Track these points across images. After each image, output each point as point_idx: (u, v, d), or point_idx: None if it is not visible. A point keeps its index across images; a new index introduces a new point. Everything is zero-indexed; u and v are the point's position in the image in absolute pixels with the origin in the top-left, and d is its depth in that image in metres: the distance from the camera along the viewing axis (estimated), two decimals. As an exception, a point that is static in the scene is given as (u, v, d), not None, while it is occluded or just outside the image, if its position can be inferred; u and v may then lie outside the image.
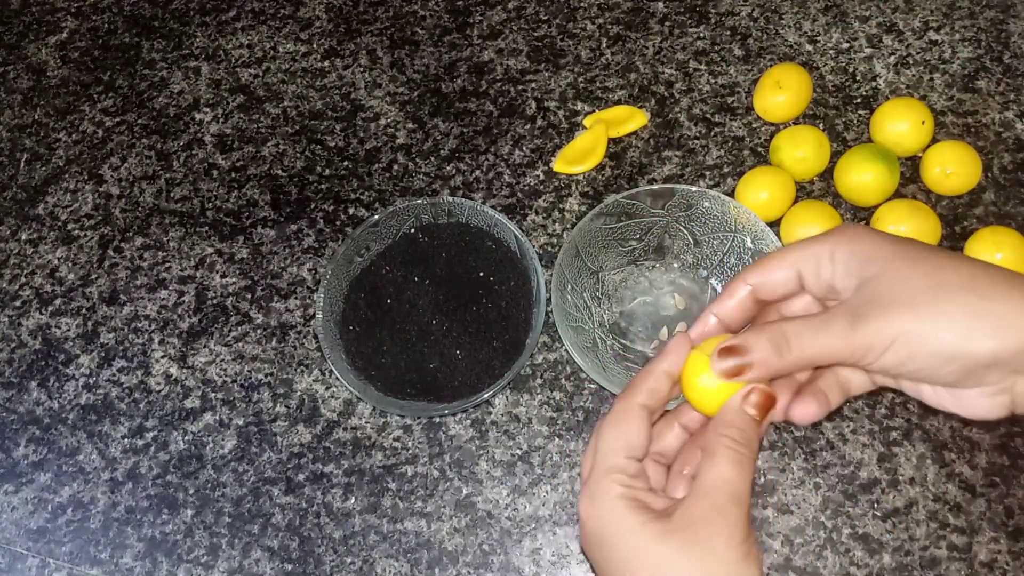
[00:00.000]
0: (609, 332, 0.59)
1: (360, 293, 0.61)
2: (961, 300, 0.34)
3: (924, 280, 0.35)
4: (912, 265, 0.35)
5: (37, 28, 0.81)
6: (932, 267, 0.35)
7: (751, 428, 0.37)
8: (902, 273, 0.35)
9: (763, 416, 0.37)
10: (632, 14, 0.74)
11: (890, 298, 0.35)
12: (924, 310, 0.34)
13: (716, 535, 0.34)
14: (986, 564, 0.51)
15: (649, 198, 0.58)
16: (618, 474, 0.37)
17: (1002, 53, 0.68)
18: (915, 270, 0.35)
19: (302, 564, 0.55)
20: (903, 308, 0.34)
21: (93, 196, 0.70)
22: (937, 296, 0.34)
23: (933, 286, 0.34)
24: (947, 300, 0.34)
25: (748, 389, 0.37)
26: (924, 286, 0.34)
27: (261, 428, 0.59)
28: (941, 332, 0.34)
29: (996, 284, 0.34)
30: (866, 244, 0.37)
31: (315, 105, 0.72)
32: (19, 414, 0.62)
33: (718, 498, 0.35)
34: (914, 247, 0.36)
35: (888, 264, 0.36)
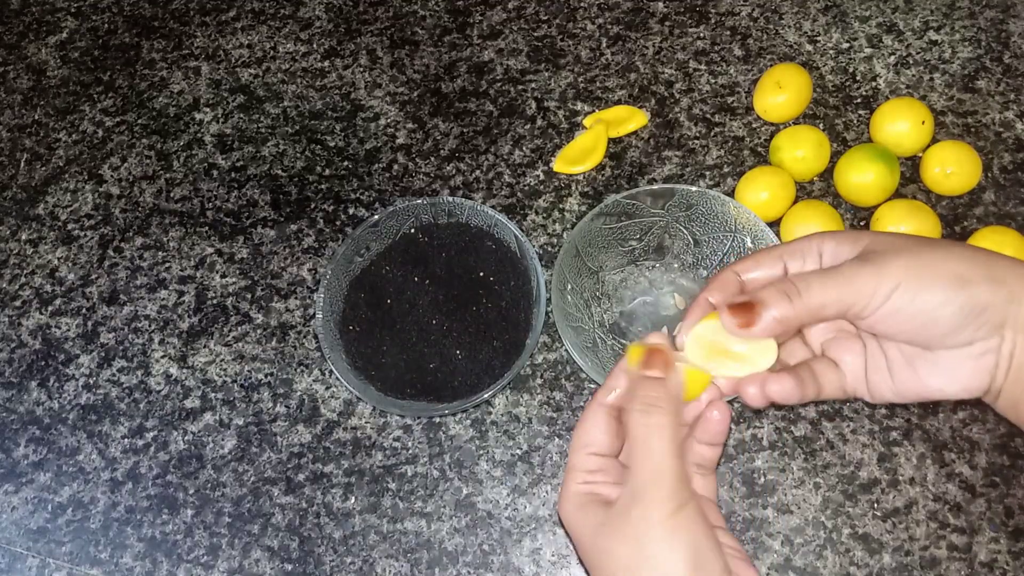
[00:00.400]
0: (609, 332, 0.59)
1: (360, 293, 0.61)
2: (956, 253, 0.36)
3: (918, 248, 0.36)
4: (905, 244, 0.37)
5: (37, 28, 0.81)
6: (924, 244, 0.37)
7: (652, 388, 0.36)
8: (898, 249, 0.37)
9: (659, 368, 0.37)
10: (632, 14, 0.74)
11: (892, 249, 0.36)
12: (925, 254, 0.36)
13: (641, 517, 0.34)
14: (986, 564, 0.51)
15: (649, 198, 0.58)
16: (578, 471, 0.38)
17: (1002, 53, 0.68)
18: (909, 244, 0.37)
19: (302, 564, 0.55)
20: (905, 253, 0.36)
21: (93, 196, 0.70)
22: (935, 246, 0.36)
23: (927, 251, 0.36)
24: (944, 249, 0.36)
25: (646, 353, 0.37)
26: (921, 242, 0.36)
27: (261, 428, 0.59)
28: (937, 279, 0.35)
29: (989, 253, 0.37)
30: (858, 240, 0.38)
31: (315, 105, 0.72)
32: (19, 414, 0.62)
33: (641, 476, 0.35)
34: (905, 236, 0.38)
35: (878, 238, 0.38)
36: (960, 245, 0.37)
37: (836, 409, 0.56)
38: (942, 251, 0.36)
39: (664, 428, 0.35)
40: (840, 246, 0.38)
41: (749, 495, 0.54)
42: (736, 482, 0.55)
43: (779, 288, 0.37)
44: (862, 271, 0.36)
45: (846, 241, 0.38)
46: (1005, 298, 0.35)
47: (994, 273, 0.35)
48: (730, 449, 0.56)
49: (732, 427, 0.56)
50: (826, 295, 0.36)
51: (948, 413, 0.55)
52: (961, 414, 0.55)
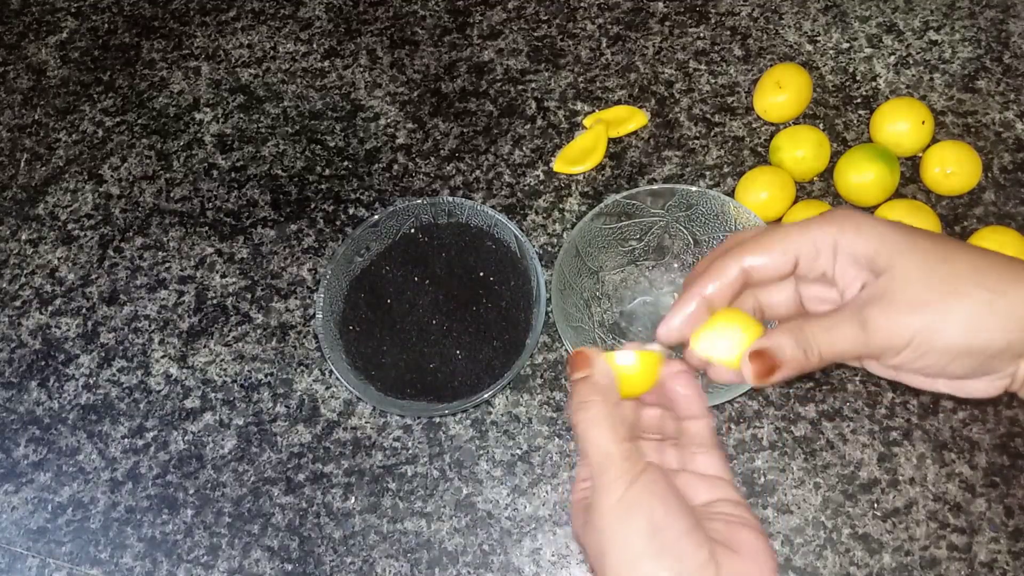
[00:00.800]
0: (609, 332, 0.59)
1: (360, 293, 0.61)
2: (971, 294, 0.34)
3: (932, 275, 0.35)
4: (920, 259, 0.35)
5: (37, 28, 0.81)
6: (939, 259, 0.35)
7: (581, 387, 0.38)
8: (910, 269, 0.35)
9: (582, 368, 0.38)
10: (632, 14, 0.74)
11: (901, 297, 0.35)
12: (936, 307, 0.34)
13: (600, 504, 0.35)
14: (986, 564, 0.51)
15: (649, 198, 0.58)
16: (577, 483, 0.38)
17: (1002, 53, 0.68)
18: (923, 264, 0.35)
19: (302, 564, 0.55)
20: (915, 307, 0.35)
21: (93, 196, 0.70)
22: (946, 293, 0.34)
23: (942, 280, 0.35)
24: (957, 296, 0.34)
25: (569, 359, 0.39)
26: (933, 282, 0.35)
27: (261, 428, 0.59)
28: (953, 329, 0.34)
29: (1003, 275, 0.35)
30: (872, 238, 0.36)
31: (315, 105, 0.72)
32: (19, 414, 0.62)
33: (593, 468, 0.35)
34: (919, 238, 0.36)
35: (895, 258, 0.36)
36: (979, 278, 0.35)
37: (836, 409, 0.56)
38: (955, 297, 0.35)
39: (598, 417, 0.36)
40: (855, 245, 0.37)
41: (749, 495, 0.54)
42: (736, 482, 0.55)
43: (796, 339, 0.36)
44: (869, 331, 0.35)
45: (860, 242, 0.37)
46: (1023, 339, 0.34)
47: (1016, 312, 0.34)
48: (730, 449, 0.56)
49: (732, 427, 0.56)
50: (841, 348, 0.36)
51: (948, 413, 0.55)
52: (961, 414, 0.55)
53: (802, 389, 0.57)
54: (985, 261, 0.35)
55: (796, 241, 0.38)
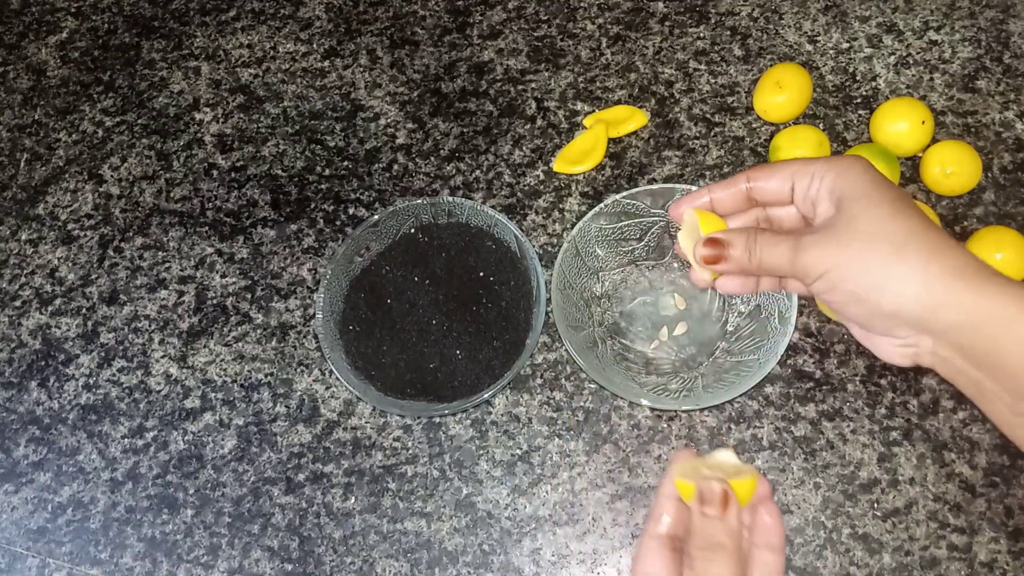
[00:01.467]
0: (609, 332, 0.59)
1: (360, 293, 0.61)
2: (885, 257, 0.38)
3: (872, 227, 0.39)
4: (873, 210, 0.39)
5: (37, 28, 0.81)
6: (888, 216, 0.39)
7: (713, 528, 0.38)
8: (857, 213, 0.39)
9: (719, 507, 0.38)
10: (632, 14, 0.74)
11: (835, 234, 0.39)
12: (854, 253, 0.39)
13: None
14: (986, 564, 0.51)
15: (649, 198, 0.58)
16: None
17: (1002, 53, 0.68)
18: (872, 215, 0.39)
19: (302, 564, 0.55)
20: (839, 247, 0.39)
21: (93, 196, 0.70)
22: (868, 246, 0.38)
23: (872, 235, 0.39)
24: (874, 252, 0.38)
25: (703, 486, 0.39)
26: (866, 234, 0.39)
27: (261, 428, 0.59)
28: (857, 276, 0.39)
29: (927, 251, 0.38)
30: (849, 179, 0.40)
31: (315, 105, 0.72)
32: (19, 414, 0.62)
33: None
34: (885, 192, 0.40)
35: (853, 203, 0.40)
36: (902, 245, 0.38)
37: (836, 409, 0.56)
38: (873, 252, 0.38)
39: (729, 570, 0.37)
40: (834, 183, 0.41)
41: (749, 495, 0.54)
42: (736, 482, 0.55)
43: (747, 241, 0.42)
44: (797, 255, 0.40)
45: (839, 182, 0.41)
46: (913, 314, 0.38)
47: (912, 287, 0.38)
48: (730, 449, 0.56)
49: (732, 427, 0.56)
50: (776, 262, 0.41)
51: (948, 413, 0.55)
52: (961, 414, 0.55)
53: (802, 389, 0.57)
54: (921, 233, 0.38)
55: (794, 167, 0.43)
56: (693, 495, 0.39)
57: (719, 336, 0.58)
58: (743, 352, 0.56)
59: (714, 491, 0.38)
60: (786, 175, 0.43)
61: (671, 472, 0.42)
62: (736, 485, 0.39)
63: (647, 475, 0.55)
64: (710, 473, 0.40)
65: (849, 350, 0.58)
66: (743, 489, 0.39)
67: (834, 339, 0.58)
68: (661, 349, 0.58)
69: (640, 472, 0.56)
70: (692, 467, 0.41)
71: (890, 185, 0.40)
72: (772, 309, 0.55)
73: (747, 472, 0.40)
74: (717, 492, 0.38)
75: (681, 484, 0.40)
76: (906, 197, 0.40)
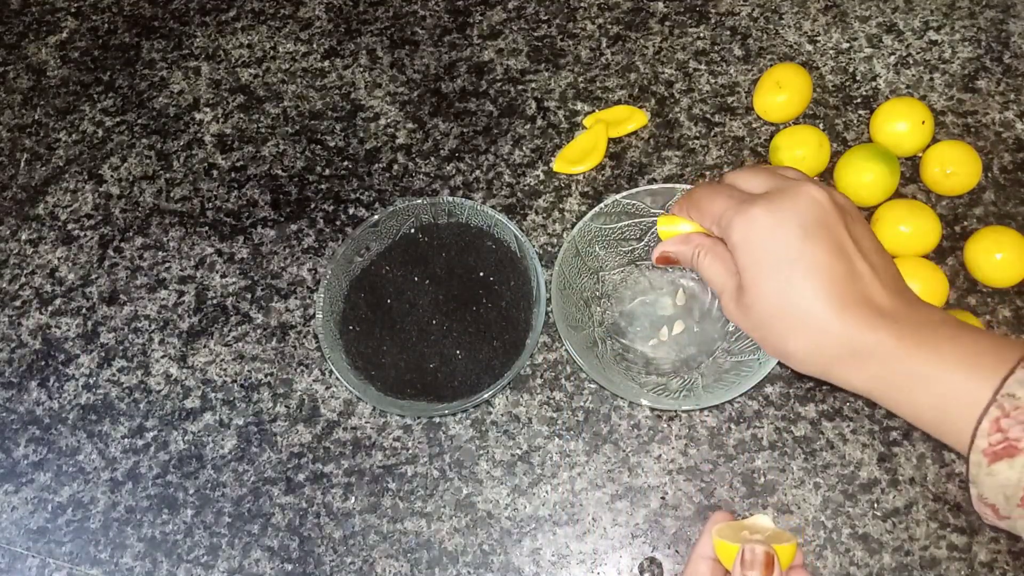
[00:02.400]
0: (609, 332, 0.59)
1: (360, 293, 0.61)
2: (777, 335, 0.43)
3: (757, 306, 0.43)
4: (758, 286, 0.43)
5: (37, 28, 0.81)
6: (772, 293, 0.42)
7: None
8: (748, 290, 0.43)
9: (767, 574, 0.39)
10: (632, 14, 0.74)
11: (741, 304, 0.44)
12: (752, 329, 0.44)
13: None
14: (986, 564, 0.51)
15: (649, 198, 0.58)
16: None
17: (1002, 53, 0.68)
18: (757, 291, 0.43)
19: (302, 564, 0.55)
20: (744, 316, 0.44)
21: (93, 196, 0.70)
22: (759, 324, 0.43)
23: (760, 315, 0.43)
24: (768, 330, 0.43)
25: (747, 548, 0.39)
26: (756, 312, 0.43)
27: (261, 428, 0.59)
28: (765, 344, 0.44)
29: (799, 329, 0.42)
30: (746, 248, 0.43)
31: (315, 105, 0.72)
32: (19, 414, 0.62)
33: None
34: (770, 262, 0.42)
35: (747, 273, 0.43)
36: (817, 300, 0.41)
37: (836, 409, 0.56)
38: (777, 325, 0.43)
39: None
40: (735, 251, 0.44)
41: (749, 495, 0.54)
42: (736, 482, 0.55)
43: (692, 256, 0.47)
44: (727, 305, 0.45)
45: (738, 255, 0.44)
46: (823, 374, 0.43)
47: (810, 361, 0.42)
48: (730, 449, 0.56)
49: (732, 427, 0.56)
50: (709, 273, 0.46)
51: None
52: (961, 414, 0.55)
53: (802, 389, 0.57)
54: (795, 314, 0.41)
55: (712, 218, 0.46)
56: (734, 557, 0.39)
57: (719, 336, 0.58)
58: (743, 352, 0.56)
59: (758, 555, 0.38)
60: (708, 218, 0.46)
61: (708, 532, 0.42)
62: (779, 550, 0.39)
63: (647, 475, 0.55)
64: (752, 537, 0.40)
65: (849, 350, 0.58)
66: (784, 554, 0.40)
67: (834, 339, 0.58)
68: (661, 349, 0.58)
69: (640, 472, 0.56)
70: (732, 529, 0.42)
71: (782, 244, 0.41)
72: (772, 309, 0.55)
73: (787, 538, 0.41)
74: (761, 556, 0.38)
75: (721, 545, 0.40)
76: (796, 250, 0.41)
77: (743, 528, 0.42)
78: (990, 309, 0.58)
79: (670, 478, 0.55)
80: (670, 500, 0.55)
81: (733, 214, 0.43)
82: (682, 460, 0.56)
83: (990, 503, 0.37)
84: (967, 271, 0.59)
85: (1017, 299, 0.58)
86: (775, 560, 0.38)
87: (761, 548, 0.39)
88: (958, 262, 0.60)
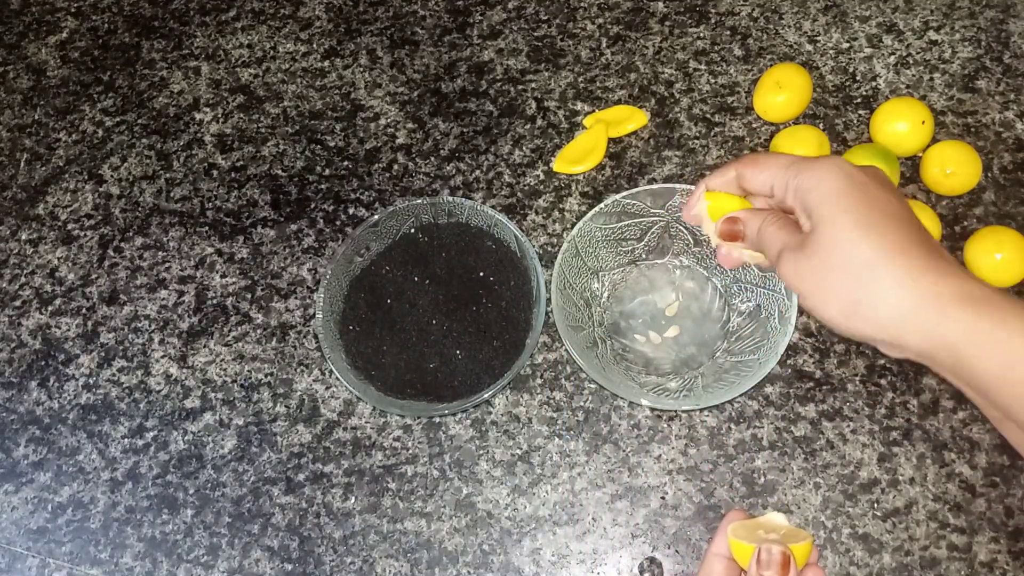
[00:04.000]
0: (609, 332, 0.59)
1: (360, 293, 0.61)
2: (849, 288, 0.39)
3: (834, 255, 0.39)
4: (839, 235, 0.39)
5: (37, 28, 0.81)
6: (854, 240, 0.38)
7: None
8: (825, 241, 0.39)
9: (784, 574, 0.39)
10: (632, 14, 0.74)
11: (806, 259, 0.40)
12: (819, 286, 0.40)
13: None
14: (986, 564, 0.51)
15: (649, 198, 0.58)
16: None
17: (1002, 53, 0.68)
18: (836, 240, 0.39)
19: (302, 564, 0.55)
20: (808, 274, 0.40)
21: (93, 196, 0.70)
22: (833, 276, 0.39)
23: (836, 265, 0.39)
24: (839, 283, 0.39)
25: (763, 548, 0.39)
26: (830, 263, 0.39)
27: (261, 428, 0.59)
28: (824, 307, 0.40)
29: (890, 279, 0.38)
30: (820, 194, 0.40)
31: (315, 105, 0.72)
32: (19, 414, 0.62)
33: None
34: (857, 212, 0.39)
35: (823, 224, 0.40)
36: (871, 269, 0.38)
37: (836, 409, 0.56)
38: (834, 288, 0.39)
39: None
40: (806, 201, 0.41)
41: (749, 495, 0.54)
42: (736, 482, 0.55)
43: (758, 225, 0.43)
44: (785, 266, 0.41)
45: (809, 196, 0.41)
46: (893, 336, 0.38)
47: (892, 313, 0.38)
48: (730, 449, 0.56)
49: (732, 427, 0.56)
50: (769, 256, 0.43)
51: (948, 413, 0.55)
52: (961, 414, 0.55)
53: (802, 389, 0.57)
54: (890, 263, 0.38)
55: (775, 175, 0.43)
56: (750, 556, 0.39)
57: (719, 336, 0.58)
58: (743, 352, 0.56)
59: (774, 555, 0.38)
60: (767, 176, 0.43)
61: (723, 531, 0.42)
62: (795, 549, 0.39)
63: (647, 475, 0.55)
64: (767, 536, 0.40)
65: (849, 350, 0.58)
66: (800, 553, 0.40)
67: (834, 339, 0.58)
68: (661, 349, 0.58)
69: (640, 472, 0.56)
70: (747, 528, 0.41)
71: (862, 194, 0.39)
72: (772, 309, 0.55)
73: (802, 536, 0.41)
74: (777, 556, 0.38)
75: (736, 544, 0.40)
76: (881, 204, 0.39)
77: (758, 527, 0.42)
78: (990, 309, 0.58)
79: (670, 478, 0.55)
80: (670, 500, 0.55)
81: (806, 164, 0.41)
82: (682, 460, 0.56)
83: None
84: (967, 271, 0.59)
85: (1017, 299, 0.58)
86: (791, 560, 0.38)
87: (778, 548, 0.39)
88: (958, 262, 0.60)
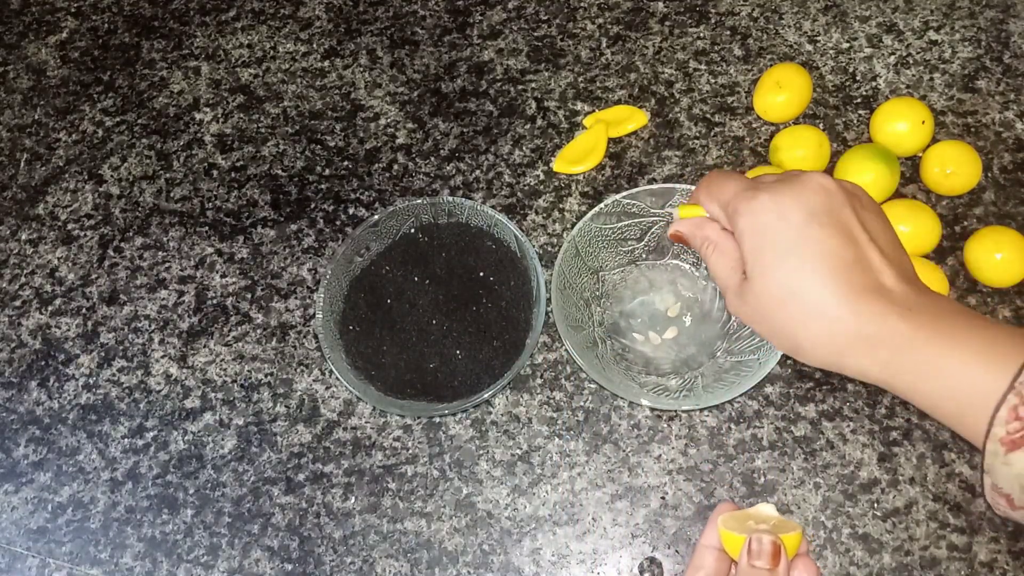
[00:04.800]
0: (609, 332, 0.59)
1: (360, 293, 0.61)
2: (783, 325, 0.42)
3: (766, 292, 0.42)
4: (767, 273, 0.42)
5: (37, 28, 0.81)
6: (781, 277, 0.41)
7: None
8: (756, 279, 0.42)
9: (774, 564, 0.39)
10: (632, 14, 0.74)
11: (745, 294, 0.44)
12: (759, 323, 0.44)
13: None
14: (986, 564, 0.51)
15: (649, 198, 0.58)
16: None
17: (1002, 53, 0.68)
18: (765, 279, 0.42)
19: (302, 564, 0.55)
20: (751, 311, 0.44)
21: (93, 196, 0.70)
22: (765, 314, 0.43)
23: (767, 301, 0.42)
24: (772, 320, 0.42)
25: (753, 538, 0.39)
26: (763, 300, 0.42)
27: (261, 428, 0.59)
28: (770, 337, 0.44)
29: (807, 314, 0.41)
30: (754, 232, 0.43)
31: (315, 105, 0.72)
32: (19, 414, 0.62)
33: None
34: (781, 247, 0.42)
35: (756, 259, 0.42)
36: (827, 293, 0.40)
37: (836, 409, 0.56)
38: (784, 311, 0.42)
39: None
40: (741, 238, 0.44)
41: (749, 495, 0.54)
42: (736, 482, 0.55)
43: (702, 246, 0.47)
44: (731, 301, 0.45)
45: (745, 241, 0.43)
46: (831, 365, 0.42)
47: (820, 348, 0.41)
48: (730, 449, 0.56)
49: (732, 427, 0.56)
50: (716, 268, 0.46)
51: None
52: (961, 414, 0.55)
53: (802, 389, 0.57)
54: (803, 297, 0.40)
55: (720, 209, 0.45)
56: (740, 547, 0.39)
57: (719, 336, 0.58)
58: (743, 352, 0.56)
59: (765, 545, 0.38)
60: (715, 209, 0.46)
61: (714, 522, 0.42)
62: (785, 539, 0.39)
63: (647, 475, 0.55)
64: (758, 526, 0.40)
65: (849, 350, 0.58)
66: (790, 543, 0.40)
67: (834, 339, 0.58)
68: (661, 349, 0.58)
69: (640, 472, 0.56)
70: (736, 519, 0.41)
71: (796, 238, 0.41)
72: (772, 309, 0.55)
73: (792, 527, 0.41)
74: (768, 546, 0.38)
75: (727, 535, 0.40)
76: (812, 246, 0.41)
77: (748, 517, 0.42)
78: (990, 309, 0.58)
79: (670, 478, 0.55)
80: (670, 500, 0.55)
81: (740, 200, 0.43)
82: (682, 460, 0.56)
83: (1004, 493, 0.37)
84: (967, 271, 0.59)
85: (1017, 299, 0.58)
86: (782, 550, 0.38)
87: (768, 538, 0.39)
88: (958, 262, 0.60)
